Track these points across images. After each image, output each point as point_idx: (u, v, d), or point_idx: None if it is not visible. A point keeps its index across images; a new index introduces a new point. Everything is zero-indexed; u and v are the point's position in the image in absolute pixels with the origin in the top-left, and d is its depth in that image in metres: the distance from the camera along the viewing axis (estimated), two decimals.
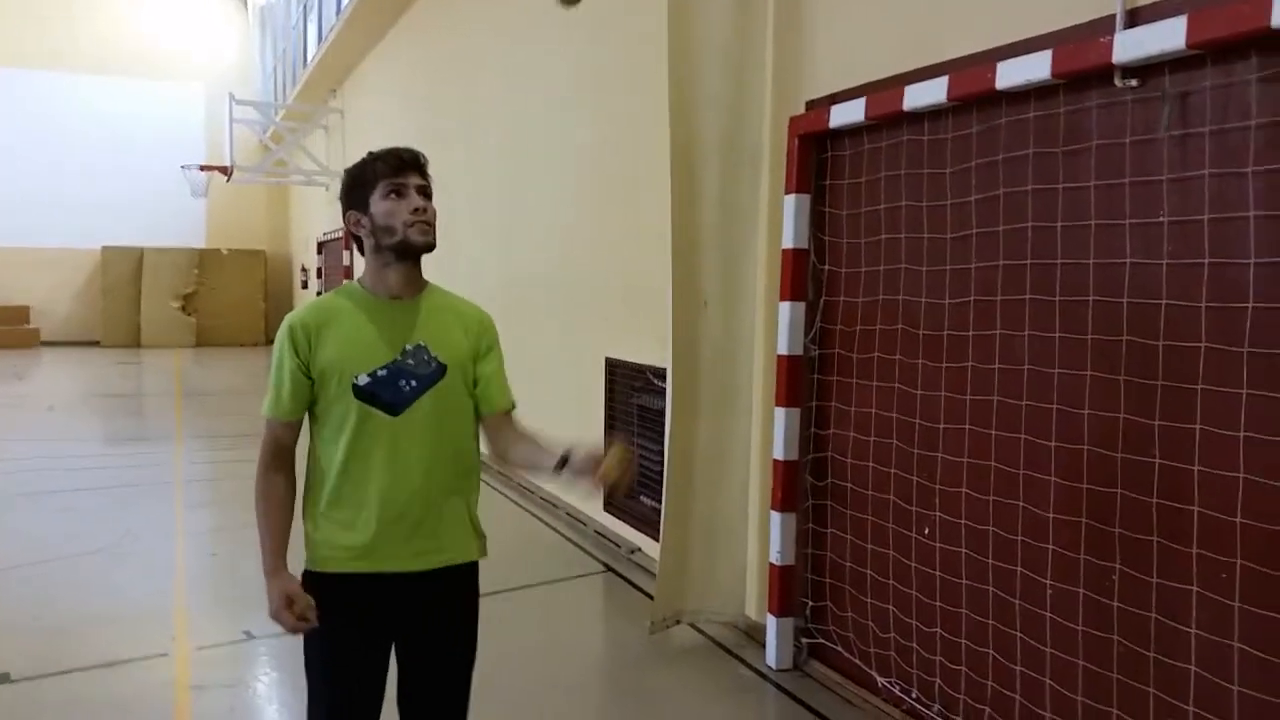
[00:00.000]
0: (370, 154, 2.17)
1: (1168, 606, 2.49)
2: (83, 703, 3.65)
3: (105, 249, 19.96)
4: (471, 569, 2.28)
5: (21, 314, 19.62)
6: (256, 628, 4.29)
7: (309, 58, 15.54)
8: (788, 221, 3.80)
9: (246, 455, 2.38)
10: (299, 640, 2.20)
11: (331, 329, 2.11)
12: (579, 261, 6.37)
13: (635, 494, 1.82)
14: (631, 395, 5.64)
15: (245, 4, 21.88)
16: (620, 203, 5.71)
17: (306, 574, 2.16)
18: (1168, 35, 2.34)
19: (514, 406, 2.28)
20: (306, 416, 2.18)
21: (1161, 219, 2.51)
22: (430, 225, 2.13)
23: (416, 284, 2.19)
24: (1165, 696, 2.49)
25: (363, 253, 2.19)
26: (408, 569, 2.14)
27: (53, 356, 17.75)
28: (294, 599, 2.05)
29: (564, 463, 2.02)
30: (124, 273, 19.90)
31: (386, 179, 2.11)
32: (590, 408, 6.03)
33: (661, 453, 4.68)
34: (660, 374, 4.99)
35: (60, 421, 10.70)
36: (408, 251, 2.13)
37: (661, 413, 4.89)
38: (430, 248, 2.15)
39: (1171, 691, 2.48)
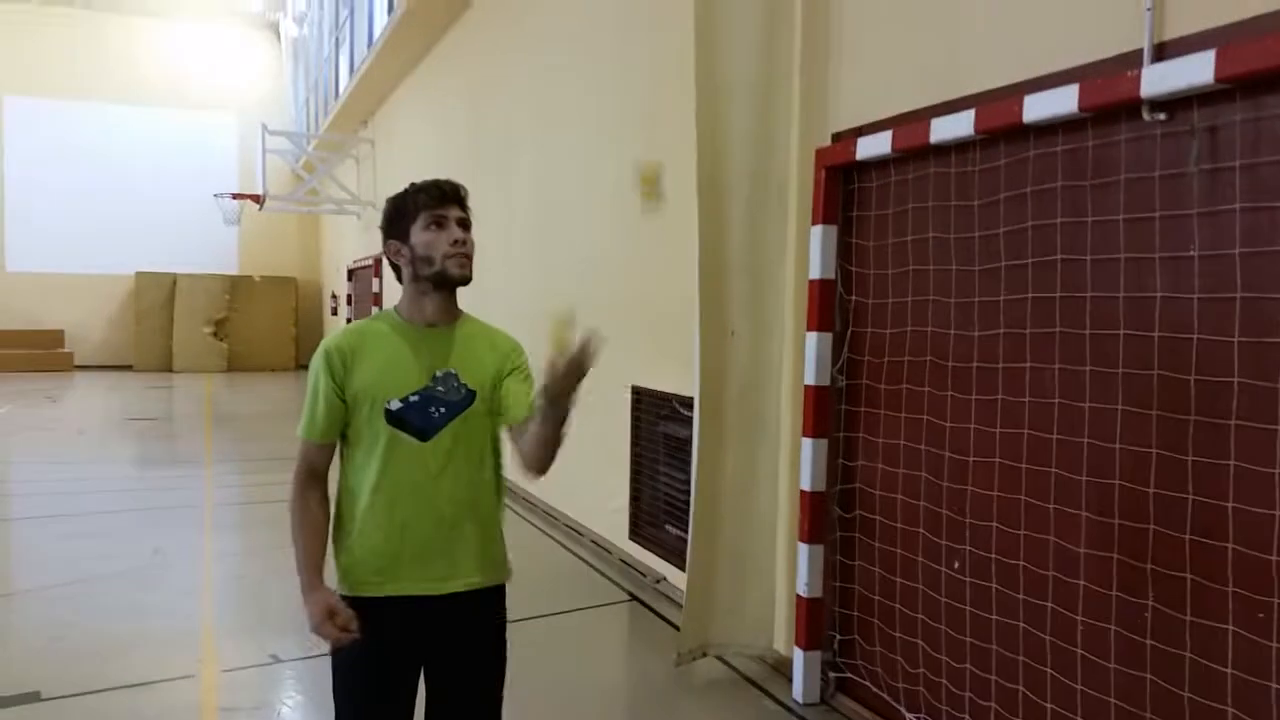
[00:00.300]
0: (412, 185, 2.22)
1: (1202, 645, 2.45)
2: None
3: (139, 275, 20.34)
4: (498, 593, 2.29)
5: (56, 338, 20.00)
6: (283, 651, 4.32)
7: (341, 89, 15.83)
8: (814, 252, 3.81)
9: (275, 479, 2.42)
10: (325, 664, 2.22)
11: (367, 354, 2.16)
12: (606, 289, 6.41)
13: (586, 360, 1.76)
14: (658, 424, 5.65)
15: (278, 36, 22.36)
16: (648, 231, 5.75)
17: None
18: (1196, 69, 2.34)
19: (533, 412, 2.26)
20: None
21: (1192, 253, 2.50)
22: (468, 258, 2.17)
23: (451, 312, 2.23)
24: None
25: (400, 281, 2.24)
26: (436, 592, 2.16)
27: (86, 380, 18.03)
28: (336, 611, 2.06)
29: (544, 393, 1.96)
30: (157, 298, 20.26)
31: (428, 210, 2.16)
32: (616, 436, 6.04)
33: (688, 482, 4.68)
34: (686, 403, 5.00)
35: (91, 444, 10.86)
36: (445, 282, 2.17)
37: (688, 442, 4.89)
38: (466, 280, 2.19)
39: None
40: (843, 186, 3.81)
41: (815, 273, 3.81)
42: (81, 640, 4.51)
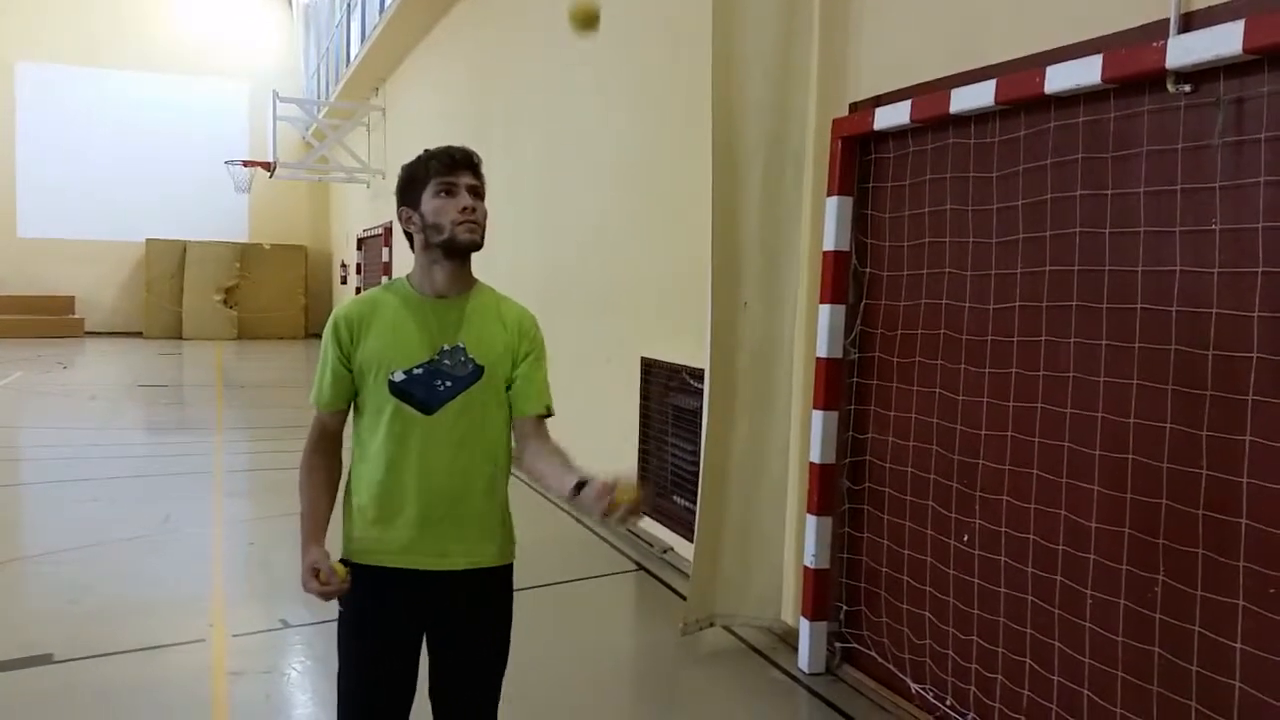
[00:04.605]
0: (426, 152, 2.18)
1: (1212, 620, 2.45)
2: (122, 685, 3.72)
3: (149, 242, 20.35)
4: (503, 571, 2.27)
5: (67, 304, 20.07)
6: (293, 616, 4.36)
7: (352, 56, 15.73)
8: (829, 223, 3.78)
9: (285, 447, 2.43)
10: (334, 629, 2.23)
11: (375, 324, 2.14)
12: (616, 260, 6.39)
13: (633, 524, 1.84)
14: (667, 395, 5.64)
15: (290, 3, 22.20)
16: (660, 202, 5.72)
17: (341, 563, 2.17)
18: (1224, 40, 2.30)
19: (549, 414, 2.23)
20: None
21: (1214, 227, 2.47)
22: (478, 225, 2.14)
23: (463, 282, 2.20)
24: (1208, 711, 2.45)
25: (413, 249, 2.21)
26: (437, 568, 2.15)
27: (97, 346, 18.10)
28: (319, 568, 2.06)
29: (579, 489, 1.96)
30: (167, 265, 20.29)
31: (439, 177, 2.12)
32: (626, 406, 6.04)
33: (696, 453, 4.68)
34: (696, 374, 4.99)
35: (103, 410, 10.92)
36: (454, 250, 2.14)
37: (697, 413, 4.89)
38: (476, 247, 2.15)
39: (1214, 706, 2.44)
40: (859, 157, 3.77)
41: (830, 244, 3.78)
42: (94, 604, 4.55)
